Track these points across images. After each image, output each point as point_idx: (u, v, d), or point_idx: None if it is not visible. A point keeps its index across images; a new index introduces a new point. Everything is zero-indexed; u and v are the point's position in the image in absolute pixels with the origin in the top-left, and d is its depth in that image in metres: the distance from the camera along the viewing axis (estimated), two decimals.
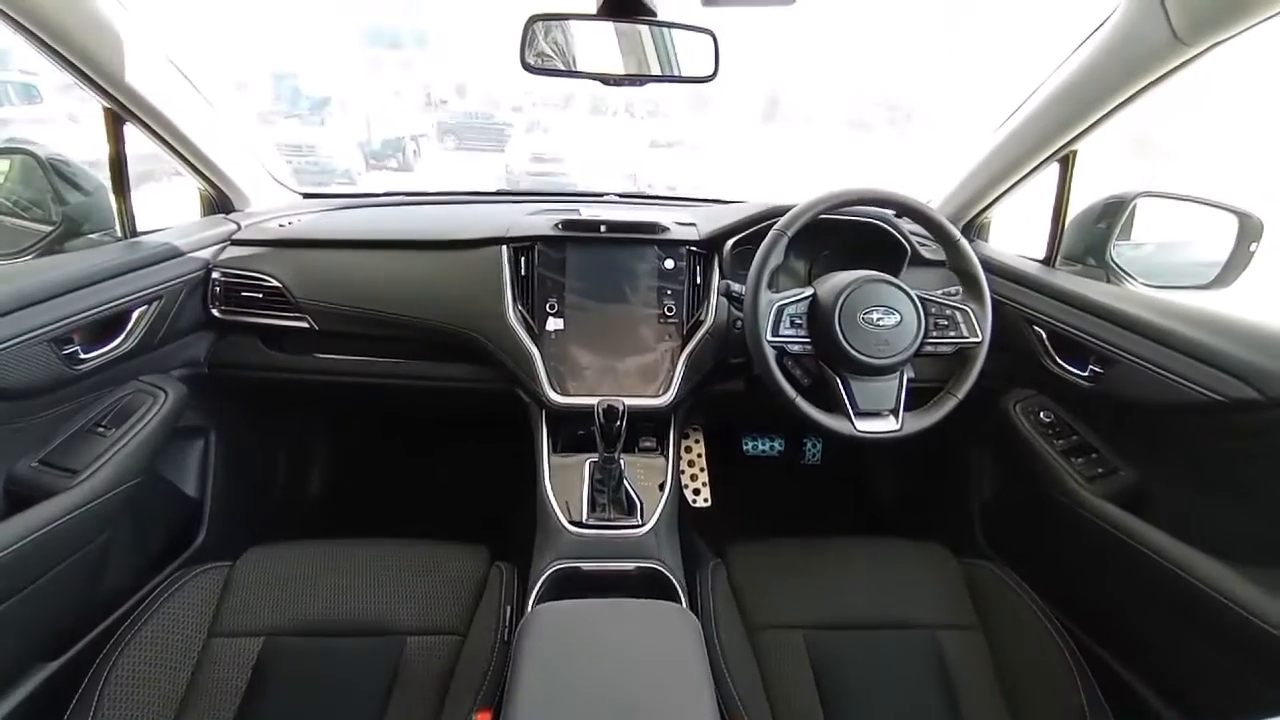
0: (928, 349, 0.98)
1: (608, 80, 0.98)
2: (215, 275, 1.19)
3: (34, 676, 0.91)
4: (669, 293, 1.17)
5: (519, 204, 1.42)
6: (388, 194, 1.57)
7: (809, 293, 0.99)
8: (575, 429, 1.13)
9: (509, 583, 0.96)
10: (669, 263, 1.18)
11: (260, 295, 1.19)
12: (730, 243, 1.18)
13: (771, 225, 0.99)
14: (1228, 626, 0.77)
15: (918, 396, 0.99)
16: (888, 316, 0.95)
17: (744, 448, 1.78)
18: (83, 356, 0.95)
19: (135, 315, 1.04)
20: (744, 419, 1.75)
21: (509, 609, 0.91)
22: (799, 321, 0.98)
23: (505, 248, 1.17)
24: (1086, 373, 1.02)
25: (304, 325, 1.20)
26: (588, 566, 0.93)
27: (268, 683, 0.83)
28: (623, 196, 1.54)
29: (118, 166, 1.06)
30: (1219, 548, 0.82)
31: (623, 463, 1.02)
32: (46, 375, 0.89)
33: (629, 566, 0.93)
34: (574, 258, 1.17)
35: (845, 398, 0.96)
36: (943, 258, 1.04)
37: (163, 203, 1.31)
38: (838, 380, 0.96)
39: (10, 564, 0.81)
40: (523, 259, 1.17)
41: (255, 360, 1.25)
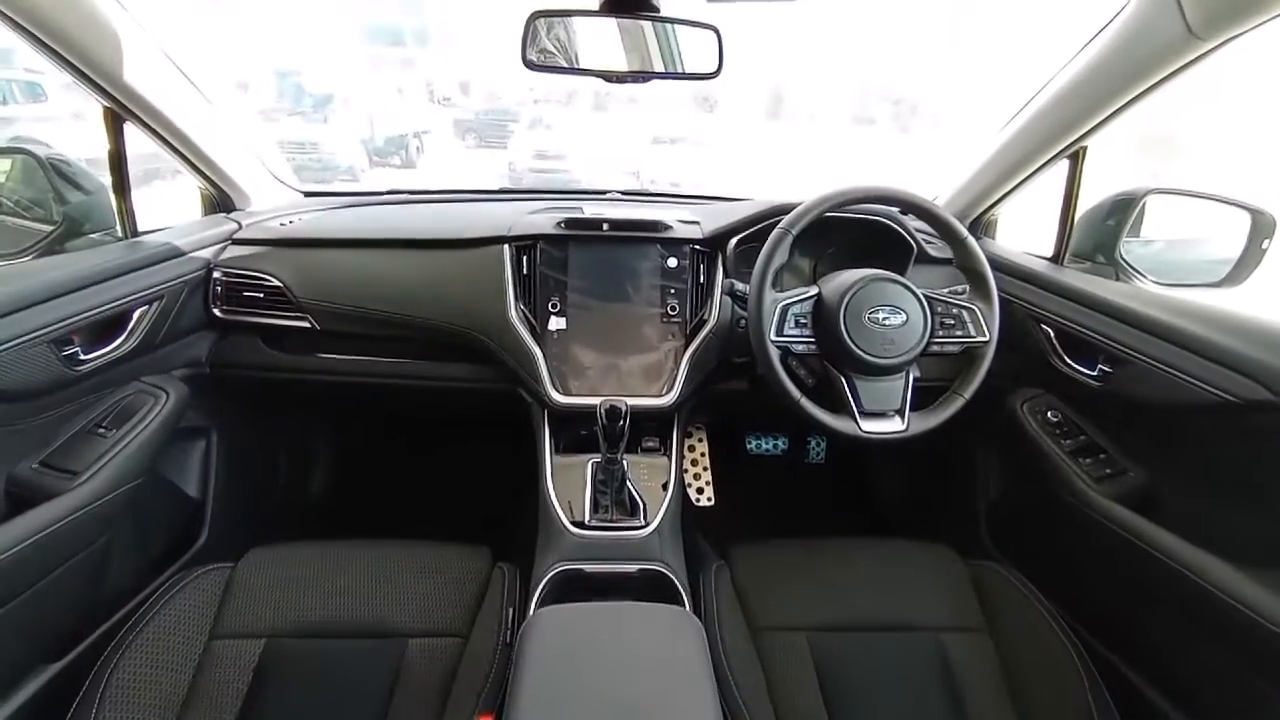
0: (934, 348, 0.96)
1: (610, 77, 0.97)
2: (216, 275, 1.19)
3: (35, 679, 0.91)
4: (672, 291, 1.16)
5: (521, 202, 1.41)
6: (389, 192, 1.56)
7: (814, 292, 0.98)
8: (578, 429, 1.12)
9: (511, 584, 0.95)
10: (672, 261, 1.17)
11: (261, 295, 1.19)
12: (734, 241, 1.17)
13: (776, 223, 0.98)
14: (1237, 629, 0.76)
15: (923, 396, 0.98)
16: (894, 316, 0.94)
17: (747, 446, 1.77)
18: (83, 357, 0.95)
19: (136, 315, 1.04)
20: (747, 418, 1.74)
21: (511, 611, 0.91)
22: (803, 321, 0.97)
23: (507, 246, 1.17)
24: (1095, 372, 1.01)
25: (305, 325, 1.20)
26: (590, 568, 0.92)
27: (269, 685, 0.83)
28: (625, 194, 1.53)
29: (118, 165, 1.06)
30: (1229, 550, 0.81)
31: (625, 463, 1.01)
32: (47, 376, 0.89)
33: (632, 568, 0.92)
34: (576, 256, 1.16)
35: (850, 398, 0.94)
36: (949, 256, 1.03)
37: (169, 200, 1.31)
38: (843, 380, 0.95)
39: (11, 566, 0.80)
40: (525, 258, 1.16)
41: (257, 360, 1.25)
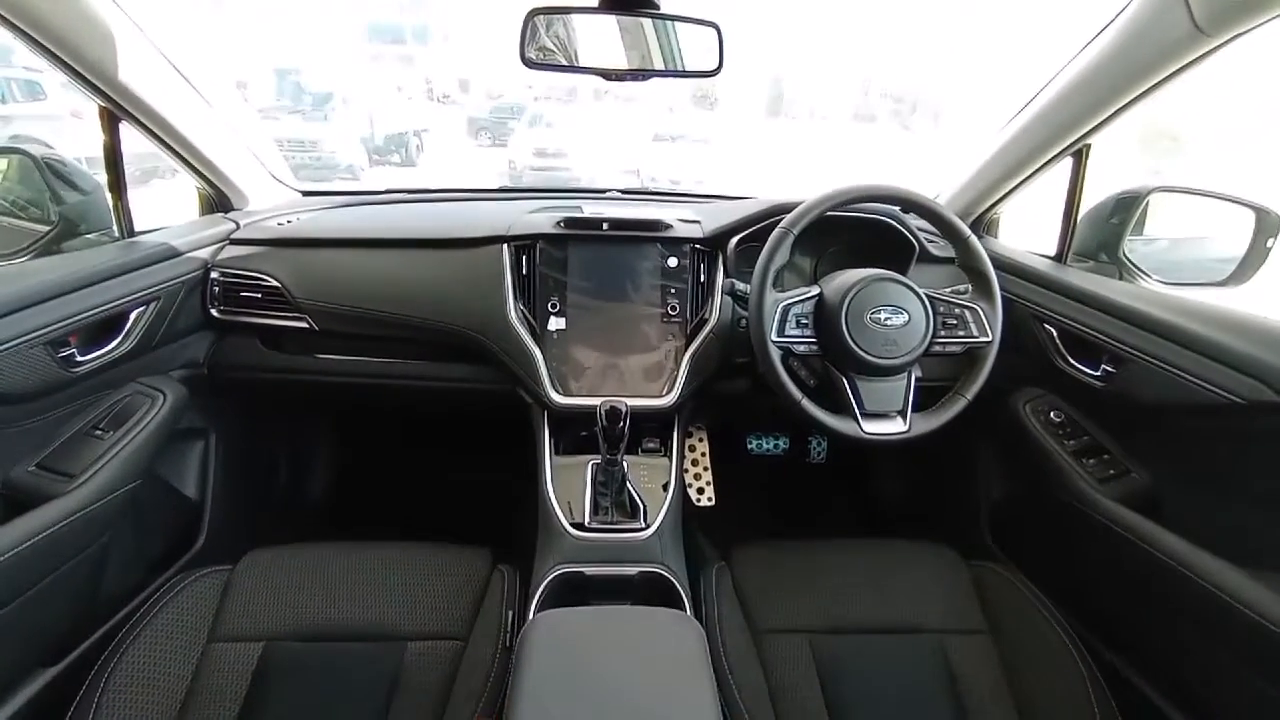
0: (936, 349, 0.95)
1: (610, 75, 0.96)
2: (214, 275, 1.18)
3: (32, 682, 0.90)
4: (672, 291, 1.15)
5: (520, 201, 1.40)
6: (388, 191, 1.55)
7: (815, 292, 0.97)
8: (578, 430, 1.11)
9: (511, 586, 0.95)
10: (672, 261, 1.16)
11: (259, 295, 1.18)
12: (734, 240, 1.16)
13: (776, 223, 0.97)
14: (1242, 632, 0.75)
15: (926, 396, 0.97)
16: (895, 316, 0.93)
17: (748, 446, 1.76)
18: (80, 359, 0.94)
19: (133, 316, 1.03)
20: (748, 417, 1.73)
21: (511, 614, 0.90)
22: (805, 321, 0.96)
23: (506, 246, 1.16)
24: (1098, 372, 1.00)
25: (304, 325, 1.19)
26: (591, 570, 0.92)
27: (267, 689, 0.83)
28: (625, 193, 1.52)
29: (114, 165, 1.05)
30: (1233, 552, 0.80)
31: (625, 464, 1.00)
32: (43, 378, 0.88)
33: (632, 571, 0.92)
34: (576, 256, 1.15)
35: (852, 399, 0.94)
36: (951, 254, 1.02)
37: (170, 198, 1.30)
38: (844, 381, 0.94)
39: (8, 569, 0.80)
40: (524, 257, 1.16)
41: (255, 361, 1.24)
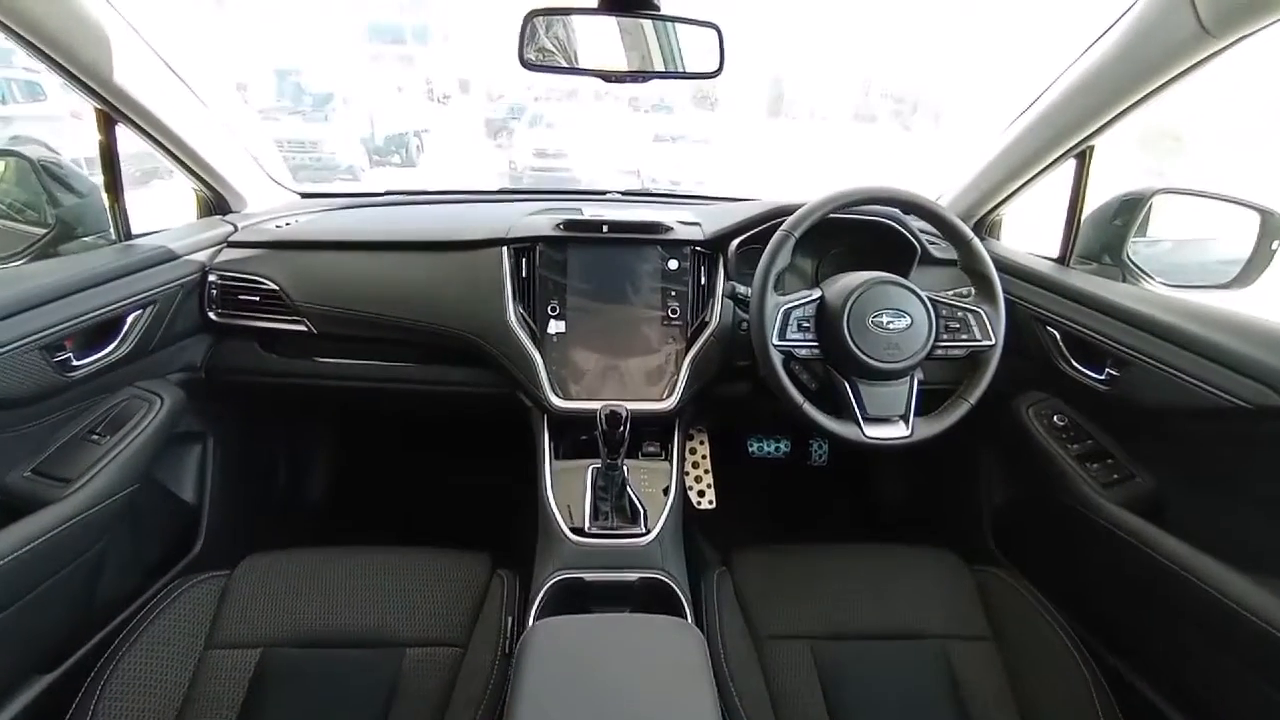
0: (939, 352, 0.95)
1: (609, 77, 0.96)
2: (212, 278, 1.17)
3: (28, 689, 0.90)
4: (673, 294, 1.15)
5: (520, 203, 1.39)
6: (386, 193, 1.55)
7: (816, 295, 0.97)
8: (578, 434, 1.11)
9: (510, 592, 0.94)
10: (673, 263, 1.15)
11: (258, 298, 1.17)
12: (735, 243, 1.15)
13: (777, 225, 0.96)
14: (1247, 638, 0.75)
15: (928, 399, 0.97)
16: (898, 319, 0.92)
17: (749, 449, 1.76)
18: (75, 363, 0.93)
19: (130, 320, 1.02)
20: (749, 420, 1.73)
21: (510, 620, 0.89)
22: (806, 325, 0.95)
23: (506, 249, 1.15)
24: (1102, 375, 0.99)
25: (302, 328, 1.18)
26: (591, 576, 0.91)
27: (264, 696, 0.82)
28: (625, 195, 1.52)
29: (110, 168, 1.04)
30: (1239, 557, 0.79)
31: (626, 469, 0.99)
32: (39, 383, 0.88)
33: (632, 577, 0.91)
34: (576, 258, 1.15)
35: (854, 403, 0.93)
36: (954, 257, 1.01)
37: (170, 200, 1.30)
38: (846, 385, 0.94)
39: (4, 575, 0.79)
40: (524, 260, 1.15)
41: (253, 364, 1.23)
